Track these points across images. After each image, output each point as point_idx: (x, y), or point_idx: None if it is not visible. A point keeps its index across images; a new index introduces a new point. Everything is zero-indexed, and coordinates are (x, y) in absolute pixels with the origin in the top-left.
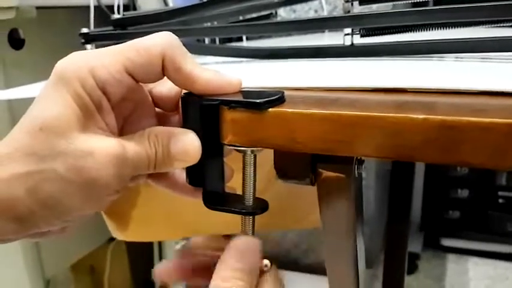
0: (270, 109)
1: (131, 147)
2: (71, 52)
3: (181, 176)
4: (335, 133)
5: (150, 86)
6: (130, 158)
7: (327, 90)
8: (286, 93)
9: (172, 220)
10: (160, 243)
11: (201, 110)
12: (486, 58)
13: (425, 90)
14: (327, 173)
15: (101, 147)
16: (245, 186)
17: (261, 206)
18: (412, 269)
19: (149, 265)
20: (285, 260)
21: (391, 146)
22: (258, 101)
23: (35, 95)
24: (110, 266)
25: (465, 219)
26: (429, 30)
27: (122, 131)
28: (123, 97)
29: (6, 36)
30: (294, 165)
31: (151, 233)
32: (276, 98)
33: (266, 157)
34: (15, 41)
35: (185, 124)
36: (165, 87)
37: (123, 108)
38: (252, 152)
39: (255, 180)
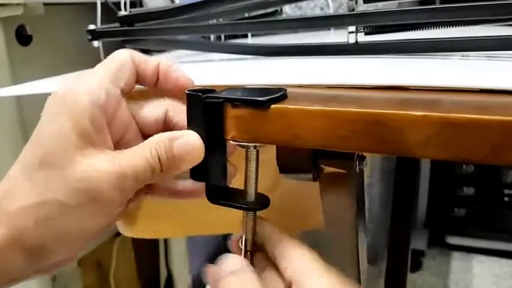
0: (273, 105)
1: (128, 162)
2: (78, 48)
3: (181, 183)
4: (336, 129)
5: (134, 111)
6: (129, 172)
7: (330, 87)
8: (289, 90)
9: (177, 218)
10: (166, 239)
11: (205, 107)
12: (493, 56)
13: (428, 88)
14: (328, 169)
15: (99, 167)
16: (247, 181)
17: (262, 201)
18: (417, 267)
19: (155, 260)
20: None
21: (392, 143)
22: (260, 99)
23: (42, 91)
24: (116, 261)
25: (470, 216)
26: (435, 28)
27: None
28: (113, 118)
29: (13, 33)
30: (296, 160)
31: (157, 230)
32: (279, 95)
33: (273, 155)
34: (23, 37)
35: (189, 121)
36: (149, 112)
37: (113, 132)
38: (255, 147)
39: (257, 176)
